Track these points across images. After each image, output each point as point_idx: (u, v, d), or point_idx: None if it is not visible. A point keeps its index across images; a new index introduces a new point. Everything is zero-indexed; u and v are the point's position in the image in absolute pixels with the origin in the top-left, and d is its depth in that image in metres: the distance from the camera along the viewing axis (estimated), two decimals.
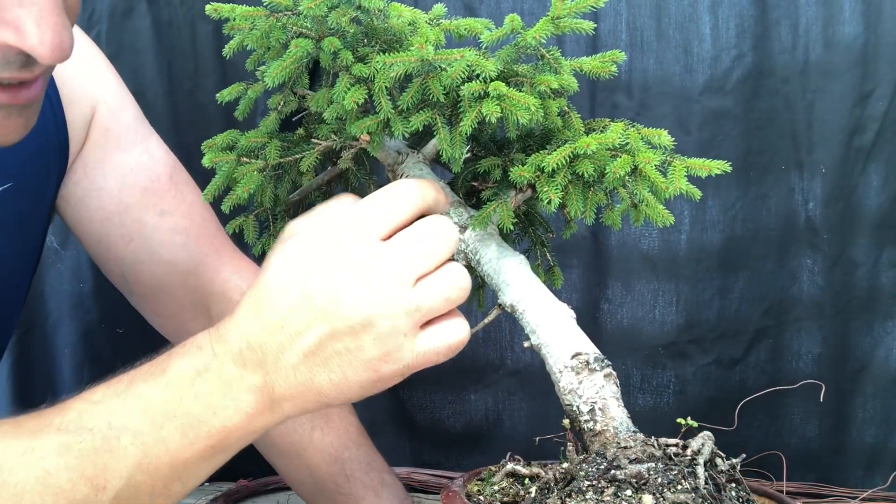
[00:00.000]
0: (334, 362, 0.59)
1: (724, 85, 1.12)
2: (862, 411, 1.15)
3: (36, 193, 0.87)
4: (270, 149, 0.75)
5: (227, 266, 0.96)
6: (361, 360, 0.59)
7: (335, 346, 0.59)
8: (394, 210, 0.62)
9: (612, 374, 0.63)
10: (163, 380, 0.61)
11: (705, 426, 0.63)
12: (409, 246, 0.61)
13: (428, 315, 0.61)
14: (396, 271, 0.60)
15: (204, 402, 0.59)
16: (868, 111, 1.09)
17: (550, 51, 0.68)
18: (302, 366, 0.59)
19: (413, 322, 0.60)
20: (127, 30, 1.20)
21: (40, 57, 0.56)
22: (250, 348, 0.60)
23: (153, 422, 0.59)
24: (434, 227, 0.63)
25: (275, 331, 0.59)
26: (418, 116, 0.67)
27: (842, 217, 1.12)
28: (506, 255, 0.68)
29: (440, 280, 0.61)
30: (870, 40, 1.08)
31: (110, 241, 0.93)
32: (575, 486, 0.57)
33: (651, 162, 0.63)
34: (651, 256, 1.16)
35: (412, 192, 0.64)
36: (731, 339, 1.16)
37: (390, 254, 0.60)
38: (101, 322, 1.25)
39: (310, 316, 0.59)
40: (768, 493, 0.66)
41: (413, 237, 0.61)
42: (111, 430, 0.58)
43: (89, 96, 0.90)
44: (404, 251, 0.61)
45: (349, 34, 0.70)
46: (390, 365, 0.60)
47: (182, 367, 0.61)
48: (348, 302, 0.58)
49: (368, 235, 0.61)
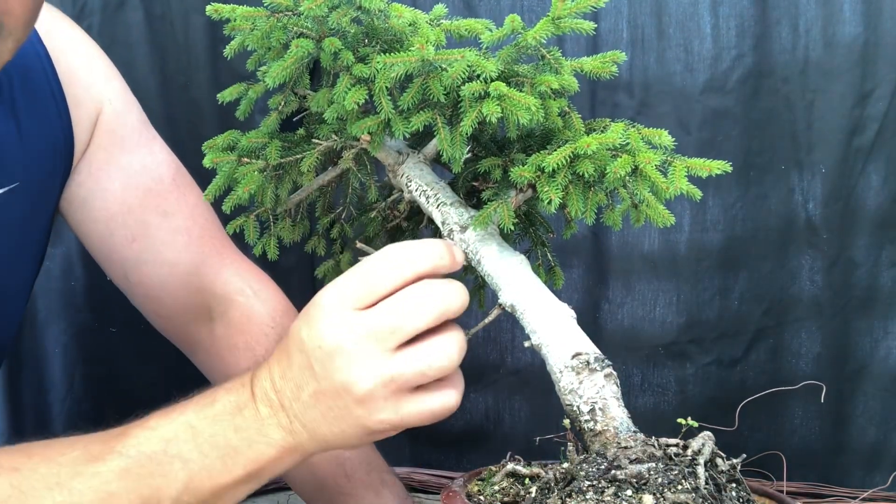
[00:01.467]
0: (330, 416, 0.64)
1: (724, 84, 1.12)
2: (862, 411, 1.15)
3: (41, 194, 0.88)
4: (271, 149, 0.75)
5: (228, 267, 0.96)
6: (350, 416, 0.63)
7: (326, 402, 0.63)
8: (372, 280, 0.62)
9: (612, 374, 0.63)
10: (210, 412, 0.66)
11: (705, 426, 0.63)
12: (387, 314, 0.61)
13: (407, 384, 0.62)
14: (372, 340, 0.61)
15: (242, 436, 0.65)
16: (868, 111, 1.09)
17: (551, 51, 0.68)
18: (307, 415, 0.64)
19: (390, 390, 0.61)
20: (119, 23, 1.19)
21: None
22: (274, 391, 0.65)
23: (200, 450, 0.64)
24: (417, 293, 0.62)
25: (286, 381, 0.65)
26: (419, 117, 0.67)
27: (842, 217, 1.12)
28: (506, 255, 0.68)
29: (422, 350, 0.61)
30: (870, 40, 1.08)
31: (114, 242, 0.93)
32: (575, 486, 0.57)
33: (651, 162, 0.63)
34: (651, 256, 1.16)
35: (399, 260, 0.63)
36: (732, 338, 1.16)
37: (368, 322, 0.61)
38: (93, 321, 1.24)
39: (307, 374, 0.64)
40: (768, 493, 0.66)
41: (392, 305, 0.62)
42: (165, 456, 0.64)
43: (95, 98, 0.90)
44: (380, 320, 0.61)
45: (350, 34, 0.70)
46: (377, 424, 0.63)
47: (227, 401, 0.66)
48: (332, 367, 0.62)
49: (346, 305, 0.62)
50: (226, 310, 0.94)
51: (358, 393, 0.61)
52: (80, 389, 1.21)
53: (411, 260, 0.62)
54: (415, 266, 0.62)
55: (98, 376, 1.23)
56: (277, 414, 0.65)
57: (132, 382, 1.22)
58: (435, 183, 0.74)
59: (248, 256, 0.97)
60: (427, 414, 0.63)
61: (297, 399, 0.64)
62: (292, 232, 0.84)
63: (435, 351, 0.61)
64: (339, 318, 0.62)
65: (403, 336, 0.61)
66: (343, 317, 0.62)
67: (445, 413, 0.64)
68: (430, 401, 0.63)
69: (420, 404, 0.63)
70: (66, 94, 0.87)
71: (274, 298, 0.96)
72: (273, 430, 0.65)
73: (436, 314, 0.61)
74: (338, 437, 0.65)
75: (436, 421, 0.64)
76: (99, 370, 1.23)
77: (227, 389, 0.67)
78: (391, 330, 0.61)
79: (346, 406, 0.63)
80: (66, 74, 0.87)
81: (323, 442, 0.65)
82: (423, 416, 0.63)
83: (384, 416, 0.62)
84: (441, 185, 0.74)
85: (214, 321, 0.95)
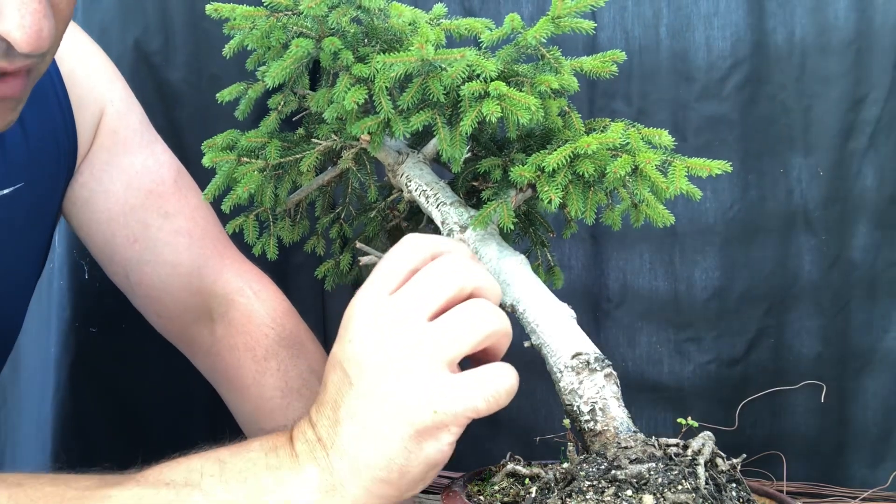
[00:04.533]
0: (371, 423, 0.59)
1: (720, 92, 1.13)
2: (864, 409, 1.15)
3: (46, 194, 0.88)
4: (270, 149, 0.75)
5: (229, 268, 0.96)
6: (391, 407, 0.59)
7: (365, 406, 0.59)
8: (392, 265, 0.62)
9: (612, 374, 0.63)
10: (244, 450, 0.62)
11: (706, 426, 0.63)
12: (413, 288, 0.60)
13: (445, 352, 0.58)
14: (403, 313, 0.60)
15: (274, 475, 0.60)
16: (862, 115, 1.12)
17: (551, 50, 0.68)
18: (345, 435, 0.60)
19: (427, 357, 0.58)
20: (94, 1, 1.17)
21: (16, 42, 0.57)
22: (310, 425, 0.62)
23: (226, 486, 0.60)
24: (438, 268, 0.60)
25: (323, 408, 0.62)
26: (418, 116, 0.67)
27: (840, 217, 1.13)
28: (506, 254, 0.68)
29: (453, 316, 0.59)
30: (863, 47, 1.10)
31: (115, 243, 0.93)
32: (575, 487, 0.57)
33: (651, 162, 0.63)
34: (651, 257, 1.17)
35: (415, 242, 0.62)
36: (732, 338, 1.17)
37: (397, 300, 0.60)
38: (73, 321, 1.22)
39: (343, 384, 0.60)
40: (769, 493, 0.66)
41: (417, 280, 0.60)
42: (185, 487, 0.60)
43: (98, 99, 0.91)
44: (408, 293, 0.60)
45: (349, 34, 0.70)
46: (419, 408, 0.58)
47: (264, 442, 0.63)
48: (365, 352, 0.60)
49: (371, 296, 0.61)
50: (226, 310, 0.94)
51: (396, 367, 0.58)
52: (65, 389, 1.21)
53: (427, 240, 0.62)
54: (433, 245, 0.62)
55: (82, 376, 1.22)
56: (314, 450, 0.60)
57: (117, 382, 1.22)
58: (435, 183, 0.74)
59: (248, 257, 0.97)
60: (477, 382, 0.58)
61: (335, 422, 0.60)
62: (292, 232, 0.84)
63: (463, 315, 0.59)
64: (367, 306, 0.60)
65: (433, 307, 0.59)
66: (371, 304, 0.60)
67: (501, 379, 0.58)
68: (478, 373, 0.58)
69: (466, 377, 0.58)
70: (70, 95, 0.88)
71: (274, 299, 0.96)
72: (309, 468, 0.60)
73: (456, 288, 0.60)
74: (381, 456, 0.58)
75: (497, 392, 0.58)
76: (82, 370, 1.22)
77: (266, 435, 0.64)
78: (420, 302, 0.59)
79: (384, 396, 0.58)
80: (69, 76, 0.88)
81: (366, 471, 0.59)
82: (477, 385, 0.58)
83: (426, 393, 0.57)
84: (441, 185, 0.74)
85: (215, 322, 0.95)
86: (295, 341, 0.93)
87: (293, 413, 0.88)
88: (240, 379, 0.91)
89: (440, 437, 0.59)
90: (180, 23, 1.14)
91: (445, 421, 0.58)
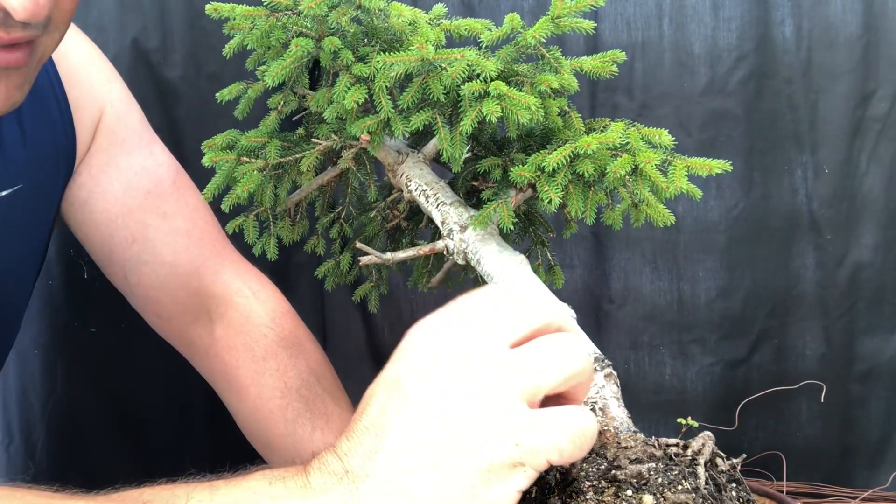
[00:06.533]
0: (427, 446, 0.52)
1: (725, 86, 1.11)
2: (867, 411, 1.15)
3: (44, 195, 0.88)
4: (270, 148, 0.75)
5: (227, 269, 0.96)
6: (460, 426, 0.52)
7: (424, 426, 0.52)
8: (456, 307, 0.56)
9: (612, 374, 0.63)
10: (243, 478, 0.55)
11: (707, 427, 0.63)
12: (480, 313, 0.54)
13: (524, 375, 0.52)
14: (472, 332, 0.54)
15: None
16: (870, 112, 1.10)
17: (551, 50, 0.68)
18: (394, 469, 0.52)
19: (504, 375, 0.52)
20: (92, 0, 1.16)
21: (14, 10, 0.56)
22: (336, 456, 0.54)
23: None
24: (502, 297, 0.55)
25: (357, 436, 0.54)
26: (418, 116, 0.67)
27: (846, 217, 1.12)
28: (506, 254, 0.68)
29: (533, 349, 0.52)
30: (871, 41, 1.08)
31: (114, 243, 0.93)
32: (575, 487, 0.57)
33: (651, 161, 0.63)
34: (653, 257, 1.16)
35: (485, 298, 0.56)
36: (735, 339, 1.16)
37: (463, 324, 0.54)
38: (72, 321, 1.21)
39: (396, 402, 0.53)
40: (769, 494, 0.66)
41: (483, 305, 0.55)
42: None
43: (97, 100, 0.91)
44: (476, 314, 0.54)
45: (349, 34, 0.70)
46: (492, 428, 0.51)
47: (268, 472, 0.55)
48: (429, 369, 0.54)
49: (435, 325, 0.56)
50: (225, 311, 0.94)
51: (473, 392, 0.51)
52: (62, 391, 1.20)
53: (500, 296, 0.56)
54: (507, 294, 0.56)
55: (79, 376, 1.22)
56: (338, 482, 0.51)
57: (115, 383, 1.22)
58: (435, 182, 0.74)
59: (248, 257, 0.97)
60: (555, 420, 0.51)
61: (374, 451, 0.51)
62: (292, 232, 0.84)
63: (552, 346, 0.53)
64: (440, 327, 0.54)
65: (518, 334, 0.53)
66: (445, 325, 0.54)
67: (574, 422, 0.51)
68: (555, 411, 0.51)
69: (551, 413, 0.51)
70: (69, 96, 0.88)
71: (273, 300, 0.96)
72: (324, 499, 0.51)
73: (545, 320, 0.54)
74: (437, 495, 0.50)
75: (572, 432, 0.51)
76: (79, 371, 1.21)
77: (274, 469, 0.56)
78: (503, 326, 0.53)
79: (454, 424, 0.51)
80: (68, 77, 0.88)
81: None
82: (563, 423, 0.51)
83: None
84: (441, 185, 0.74)
85: (213, 322, 0.95)
86: (294, 342, 0.93)
87: (292, 413, 0.88)
88: (238, 379, 0.91)
89: (512, 479, 0.50)
90: (179, 21, 1.13)
91: (525, 459, 0.50)
